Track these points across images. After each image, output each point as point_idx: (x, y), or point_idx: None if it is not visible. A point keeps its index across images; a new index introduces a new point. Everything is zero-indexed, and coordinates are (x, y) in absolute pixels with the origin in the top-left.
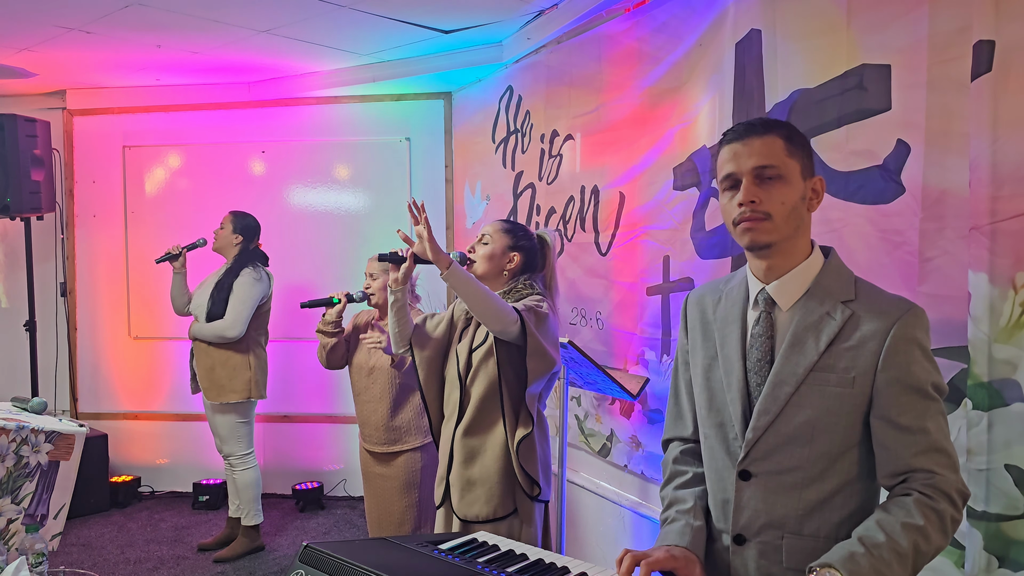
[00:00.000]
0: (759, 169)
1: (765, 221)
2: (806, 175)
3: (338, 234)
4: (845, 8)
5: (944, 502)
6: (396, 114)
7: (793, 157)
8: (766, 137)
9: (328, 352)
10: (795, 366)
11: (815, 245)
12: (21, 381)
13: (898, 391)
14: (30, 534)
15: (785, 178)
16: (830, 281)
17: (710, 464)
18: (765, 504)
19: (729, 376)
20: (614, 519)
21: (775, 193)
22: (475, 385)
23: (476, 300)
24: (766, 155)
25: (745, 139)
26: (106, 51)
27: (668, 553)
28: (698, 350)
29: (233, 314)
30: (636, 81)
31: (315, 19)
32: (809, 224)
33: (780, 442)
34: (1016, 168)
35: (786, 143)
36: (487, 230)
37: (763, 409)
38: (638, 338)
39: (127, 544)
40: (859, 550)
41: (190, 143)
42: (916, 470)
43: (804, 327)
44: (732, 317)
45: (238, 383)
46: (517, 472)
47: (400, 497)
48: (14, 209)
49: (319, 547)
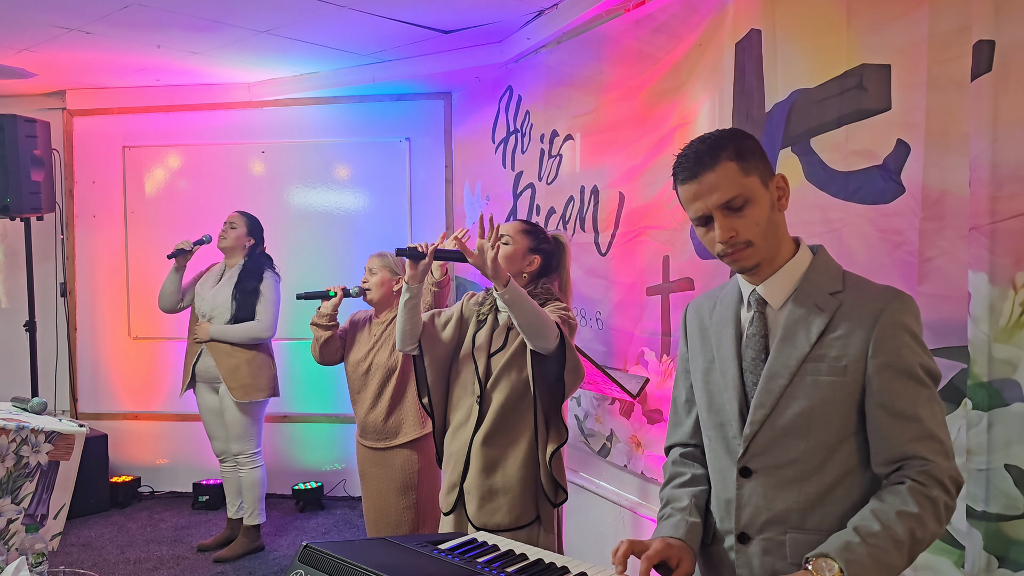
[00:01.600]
0: (725, 204)
1: (747, 248)
2: (767, 181)
3: (338, 234)
4: (845, 8)
5: (937, 489)
6: (396, 114)
7: (751, 174)
8: (718, 168)
9: (321, 345)
10: (787, 358)
11: (800, 243)
12: (21, 381)
13: (890, 376)
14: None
15: (752, 199)
16: (818, 276)
17: (714, 465)
18: (766, 500)
19: (725, 376)
20: (614, 519)
21: (748, 219)
22: (496, 392)
23: (528, 316)
24: (726, 188)
25: (699, 177)
26: (106, 51)
27: (664, 543)
28: (697, 356)
29: (267, 316)
30: (636, 81)
31: (315, 19)
32: (784, 222)
33: (777, 435)
34: (1016, 168)
35: (739, 163)
36: (507, 231)
37: (759, 403)
38: (638, 338)
39: (127, 544)
40: (855, 540)
41: (190, 143)
42: (910, 457)
43: (795, 320)
44: (726, 319)
45: (263, 381)
46: (545, 481)
47: (398, 498)
48: (14, 209)
49: (319, 547)
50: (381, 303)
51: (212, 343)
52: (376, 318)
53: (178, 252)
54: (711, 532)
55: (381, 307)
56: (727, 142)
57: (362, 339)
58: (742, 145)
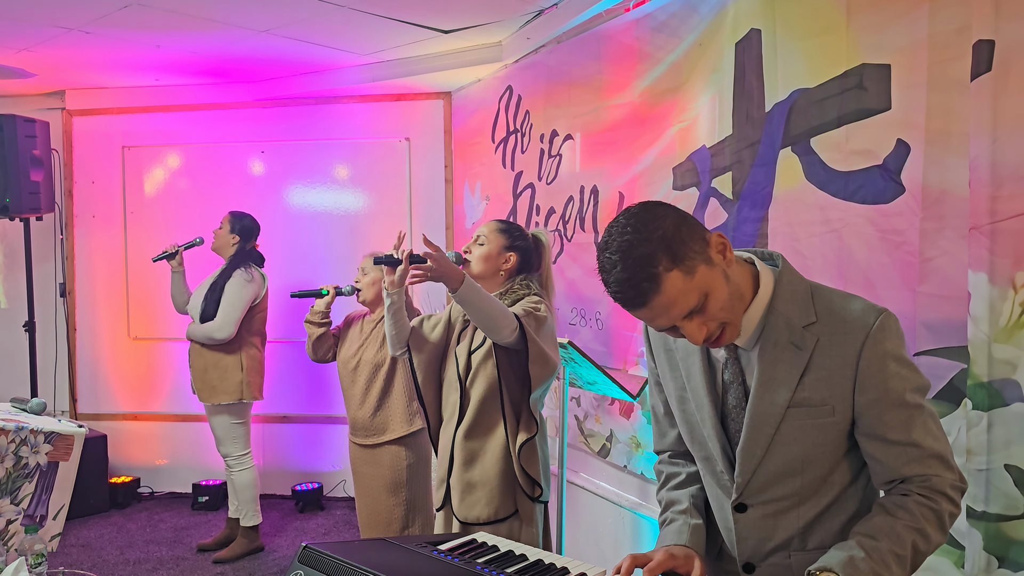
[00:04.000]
0: (686, 316)
1: (726, 329)
2: (707, 259)
3: (338, 234)
4: (845, 8)
5: (942, 501)
6: (396, 114)
7: (695, 270)
8: (664, 288)
9: (315, 342)
10: (771, 406)
11: (756, 270)
12: (20, 382)
13: (880, 410)
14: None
15: (708, 292)
16: (786, 306)
17: (708, 491)
18: (766, 531)
19: (701, 411)
20: (614, 519)
21: (712, 311)
22: (475, 387)
23: (479, 313)
24: (682, 303)
25: (648, 304)
26: (106, 51)
27: (667, 553)
28: (668, 379)
29: (223, 316)
30: (636, 81)
31: (315, 19)
32: (737, 271)
33: (770, 477)
34: (1016, 168)
35: (679, 268)
36: (483, 230)
37: (748, 451)
38: (638, 338)
39: (126, 545)
40: (859, 554)
41: (189, 143)
42: (910, 476)
43: (771, 363)
44: (692, 348)
45: (229, 384)
46: (519, 475)
47: (388, 496)
48: (13, 210)
49: (318, 548)
50: (374, 302)
51: (192, 344)
52: (367, 317)
53: (163, 256)
54: (716, 546)
55: (373, 306)
56: (658, 252)
57: (353, 337)
58: (672, 246)
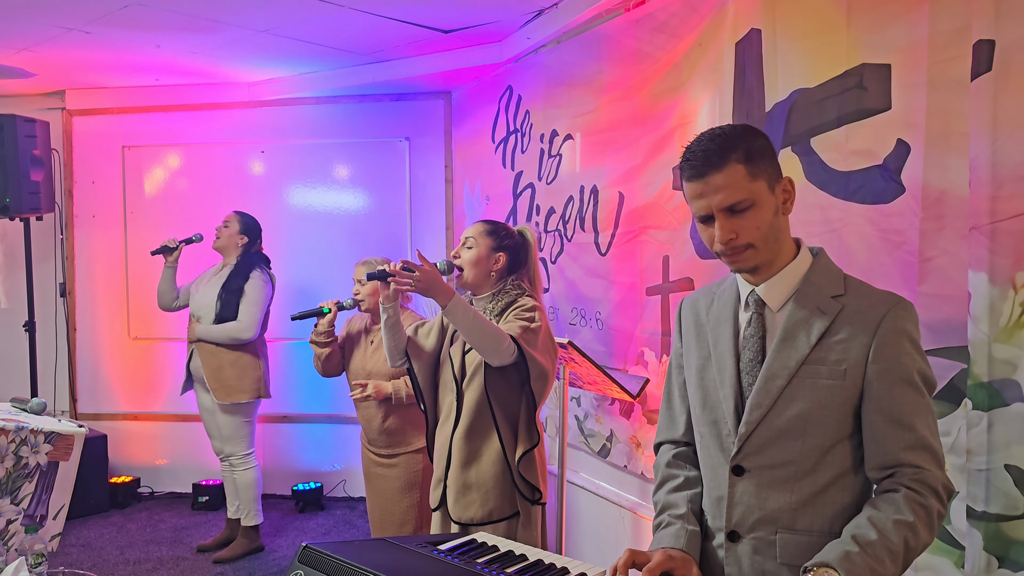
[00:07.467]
0: (728, 207)
1: (747, 251)
2: (774, 185)
3: (338, 234)
4: (845, 8)
5: (932, 497)
6: (396, 114)
7: (759, 178)
8: (726, 169)
9: (323, 361)
10: (786, 360)
11: (801, 244)
12: (20, 381)
13: (889, 383)
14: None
15: (756, 203)
16: (819, 278)
17: (705, 462)
18: (758, 499)
19: (722, 373)
20: (614, 520)
21: (749, 221)
22: (470, 389)
23: (472, 335)
24: (732, 191)
25: (706, 177)
26: (106, 51)
27: (665, 554)
28: (692, 351)
29: (248, 316)
30: (636, 81)
31: (315, 19)
32: (788, 225)
33: (773, 436)
34: (1016, 168)
35: (747, 166)
36: (470, 233)
37: (755, 403)
38: (638, 338)
39: (126, 545)
40: (854, 549)
41: (189, 143)
42: (904, 464)
43: (795, 322)
44: (724, 317)
45: (247, 383)
46: (517, 481)
47: (401, 497)
48: (13, 209)
49: (318, 548)
50: (376, 310)
51: (200, 343)
52: (374, 326)
53: (163, 249)
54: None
55: (377, 314)
56: (738, 141)
57: (360, 349)
58: (753, 146)
